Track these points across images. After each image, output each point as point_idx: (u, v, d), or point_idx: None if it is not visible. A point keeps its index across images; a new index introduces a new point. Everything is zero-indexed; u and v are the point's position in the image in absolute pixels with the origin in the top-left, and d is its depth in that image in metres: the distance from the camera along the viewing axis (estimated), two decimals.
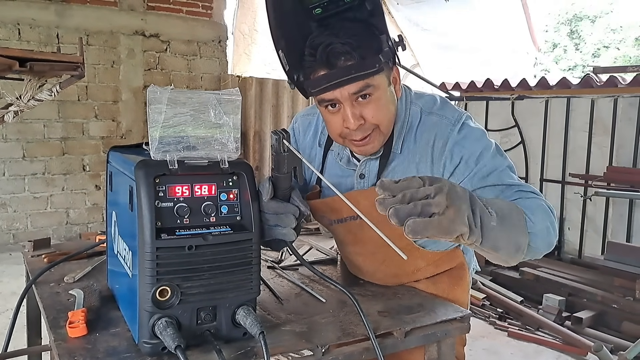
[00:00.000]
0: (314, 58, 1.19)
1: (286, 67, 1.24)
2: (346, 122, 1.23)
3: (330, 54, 1.16)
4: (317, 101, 1.26)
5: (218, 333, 1.02)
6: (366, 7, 1.20)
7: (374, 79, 1.20)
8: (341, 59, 1.17)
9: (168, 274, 0.94)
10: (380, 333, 1.13)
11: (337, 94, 1.20)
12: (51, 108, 5.67)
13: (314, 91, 1.22)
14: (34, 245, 1.69)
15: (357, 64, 1.17)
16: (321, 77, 1.19)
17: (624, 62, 14.66)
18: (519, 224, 1.06)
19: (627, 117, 4.47)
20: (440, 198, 0.88)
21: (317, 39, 1.19)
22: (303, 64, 1.22)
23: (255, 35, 7.08)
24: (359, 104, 1.22)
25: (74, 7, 5.75)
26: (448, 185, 0.91)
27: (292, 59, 1.23)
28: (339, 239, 1.52)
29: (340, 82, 1.17)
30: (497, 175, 1.23)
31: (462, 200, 0.92)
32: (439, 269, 1.44)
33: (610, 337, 3.53)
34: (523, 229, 1.07)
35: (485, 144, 1.29)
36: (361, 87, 1.19)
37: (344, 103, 1.21)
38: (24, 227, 5.74)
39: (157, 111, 0.97)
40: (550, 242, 1.16)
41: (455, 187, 0.93)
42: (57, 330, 1.07)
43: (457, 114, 1.33)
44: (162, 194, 0.96)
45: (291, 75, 1.25)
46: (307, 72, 1.22)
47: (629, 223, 4.44)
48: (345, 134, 1.27)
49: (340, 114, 1.24)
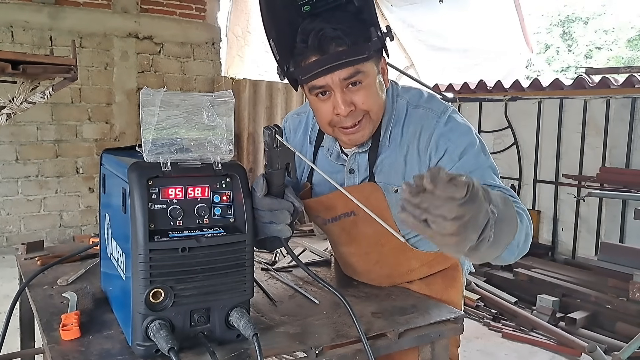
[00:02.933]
0: (305, 44, 1.20)
1: (277, 57, 1.25)
2: (337, 109, 1.24)
3: (322, 39, 1.18)
4: (308, 89, 1.26)
5: (211, 335, 1.02)
6: (354, 5, 1.22)
7: (364, 66, 1.21)
8: (332, 44, 1.18)
9: (161, 276, 0.94)
10: (373, 334, 1.13)
11: (329, 79, 1.21)
12: (44, 110, 5.65)
13: (305, 77, 1.23)
14: (27, 248, 1.68)
15: (348, 49, 1.19)
16: (313, 63, 1.20)
17: (616, 63, 14.75)
18: (501, 245, 0.95)
19: (619, 118, 4.50)
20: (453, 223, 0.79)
21: (308, 25, 1.20)
22: (294, 52, 1.23)
23: (249, 37, 7.07)
24: (349, 91, 1.23)
25: (67, 9, 5.73)
26: (472, 212, 0.79)
27: (283, 49, 1.24)
28: (333, 240, 1.52)
29: (332, 67, 1.19)
30: (479, 173, 1.23)
31: (474, 230, 0.82)
32: (432, 269, 1.45)
33: (604, 337, 3.54)
34: (504, 246, 0.97)
35: (471, 140, 1.29)
36: (352, 72, 1.20)
37: (334, 89, 1.22)
38: (17, 230, 5.71)
39: (150, 113, 0.97)
40: (525, 249, 1.14)
41: (479, 214, 0.81)
42: (50, 333, 1.07)
43: (444, 106, 1.35)
44: (155, 196, 0.96)
45: (282, 65, 1.26)
46: (298, 59, 1.23)
47: (622, 223, 4.47)
48: (335, 122, 1.27)
49: (331, 102, 1.25)
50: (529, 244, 1.15)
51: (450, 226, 0.78)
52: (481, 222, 0.82)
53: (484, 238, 0.84)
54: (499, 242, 0.91)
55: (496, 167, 1.30)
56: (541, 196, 5.14)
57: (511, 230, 0.96)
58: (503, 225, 0.90)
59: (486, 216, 0.83)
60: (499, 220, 0.88)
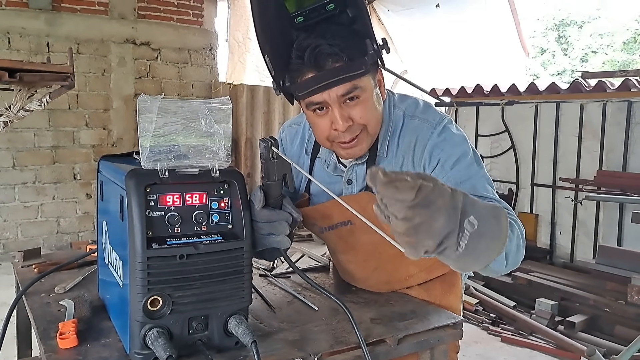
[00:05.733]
0: (301, 60, 1.19)
1: (272, 72, 1.24)
2: (335, 124, 1.23)
3: (319, 55, 1.17)
4: (305, 105, 1.26)
5: (210, 343, 1.01)
6: (347, 15, 1.21)
7: (361, 81, 1.21)
8: (329, 60, 1.18)
9: (159, 283, 0.94)
10: (372, 341, 1.12)
11: (326, 96, 1.20)
12: (41, 117, 5.64)
13: (302, 94, 1.22)
14: (24, 256, 1.68)
15: (345, 65, 1.18)
16: (309, 80, 1.19)
17: (612, 67, 14.79)
18: (482, 260, 0.89)
19: (616, 122, 4.51)
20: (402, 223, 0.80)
21: (304, 41, 1.19)
22: (290, 68, 1.22)
23: (249, 43, 7.08)
24: (347, 106, 1.23)
25: (65, 15, 5.73)
26: (424, 217, 0.79)
27: (278, 64, 1.23)
28: (331, 247, 1.52)
29: (329, 83, 1.18)
30: (470, 184, 1.23)
31: (428, 236, 0.81)
32: (431, 275, 1.44)
33: (603, 341, 3.54)
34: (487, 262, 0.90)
35: (463, 150, 1.28)
36: (349, 88, 1.20)
37: (332, 105, 1.22)
38: (14, 237, 5.69)
39: (147, 120, 0.96)
40: (517, 261, 1.14)
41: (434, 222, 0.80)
42: (47, 342, 1.06)
43: (439, 117, 1.34)
44: (153, 203, 0.96)
45: (277, 81, 1.25)
46: (294, 75, 1.22)
47: (620, 227, 4.47)
48: (333, 137, 1.27)
49: (328, 117, 1.24)
50: (522, 255, 1.15)
51: (400, 226, 0.80)
52: (439, 229, 0.80)
53: (448, 247, 0.82)
54: (477, 256, 0.86)
55: (489, 177, 1.29)
56: (539, 200, 5.14)
57: (496, 245, 0.88)
58: (485, 240, 0.85)
59: (449, 226, 0.80)
60: (478, 234, 0.83)
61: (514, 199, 5.29)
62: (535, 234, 5.10)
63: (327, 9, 1.19)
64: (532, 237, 5.08)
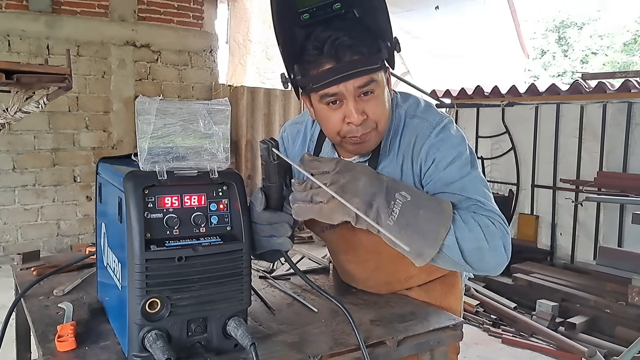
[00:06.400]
0: (319, 51, 1.19)
1: (286, 62, 1.25)
2: (349, 117, 1.22)
3: (339, 47, 1.17)
4: (318, 97, 1.24)
5: (209, 345, 1.01)
6: (355, 15, 1.21)
7: (377, 75, 1.22)
8: (348, 52, 1.18)
9: (158, 285, 0.93)
10: (372, 342, 1.12)
11: (342, 88, 1.19)
12: (41, 119, 5.64)
13: (318, 85, 1.21)
14: (23, 258, 1.67)
15: (363, 58, 1.18)
16: (327, 71, 1.19)
17: (612, 68, 14.80)
18: (429, 233, 1.08)
19: (616, 123, 4.51)
20: (331, 188, 1.03)
21: (322, 33, 1.19)
22: (304, 59, 1.21)
23: (249, 45, 7.08)
24: (361, 100, 1.22)
25: (64, 18, 5.74)
26: (347, 178, 1.05)
27: (289, 56, 1.24)
28: (331, 247, 1.51)
29: (347, 75, 1.18)
30: (460, 184, 1.23)
31: (354, 194, 1.05)
32: (431, 276, 1.44)
33: (604, 342, 3.53)
34: (435, 237, 1.08)
35: (459, 151, 1.28)
36: (366, 81, 1.20)
37: (347, 98, 1.21)
38: (14, 239, 5.68)
39: (146, 122, 0.96)
40: (489, 264, 1.15)
41: (357, 180, 1.06)
42: (45, 345, 1.06)
43: (439, 117, 1.34)
44: (152, 205, 0.95)
45: (288, 73, 1.25)
46: (309, 67, 1.21)
47: (620, 228, 4.47)
48: (345, 132, 1.26)
49: (342, 111, 1.23)
50: (501, 258, 1.15)
51: (330, 190, 1.02)
52: (362, 187, 1.05)
53: (380, 209, 1.05)
54: (419, 227, 1.06)
55: (484, 179, 1.29)
56: (539, 201, 5.14)
57: (440, 219, 1.08)
58: (424, 211, 1.07)
59: (373, 185, 1.06)
60: (413, 205, 1.07)
61: (515, 200, 5.28)
62: (536, 235, 5.10)
63: (334, 8, 1.20)
64: (532, 239, 5.08)
